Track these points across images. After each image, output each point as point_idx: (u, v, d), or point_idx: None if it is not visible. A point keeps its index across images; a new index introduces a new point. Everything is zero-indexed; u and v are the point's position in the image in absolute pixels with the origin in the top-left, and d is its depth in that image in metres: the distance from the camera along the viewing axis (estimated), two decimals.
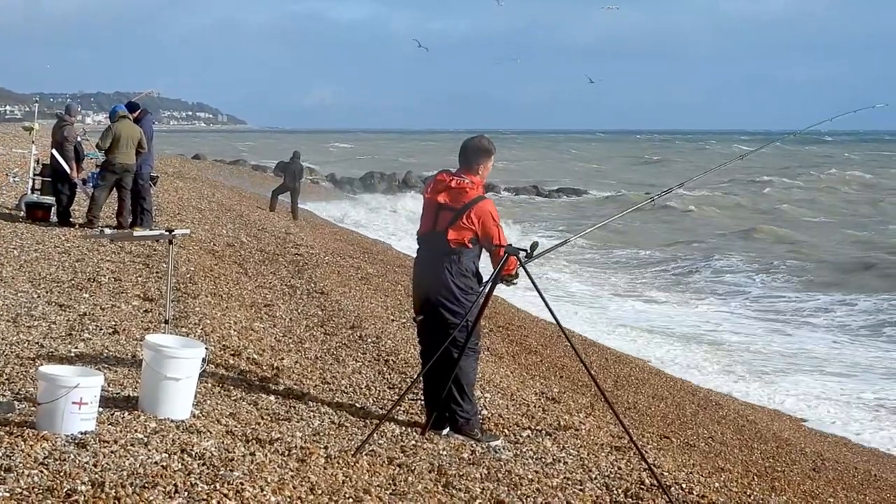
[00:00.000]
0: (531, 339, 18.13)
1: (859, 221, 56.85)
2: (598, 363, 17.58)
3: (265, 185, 48.10)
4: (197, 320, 12.57)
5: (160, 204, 25.69)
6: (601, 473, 8.91)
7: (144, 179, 20.85)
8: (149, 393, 8.22)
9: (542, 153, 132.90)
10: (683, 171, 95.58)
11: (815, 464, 13.70)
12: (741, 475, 11.07)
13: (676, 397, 16.33)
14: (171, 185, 34.38)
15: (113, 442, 7.15)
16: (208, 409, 8.68)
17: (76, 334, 10.89)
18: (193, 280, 15.54)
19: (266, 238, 23.93)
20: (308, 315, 14.82)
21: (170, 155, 69.87)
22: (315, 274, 19.10)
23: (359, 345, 13.17)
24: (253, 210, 33.29)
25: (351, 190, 69.19)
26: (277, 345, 12.30)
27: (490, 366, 13.63)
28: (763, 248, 43.01)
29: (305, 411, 9.33)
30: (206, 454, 7.17)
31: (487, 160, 9.30)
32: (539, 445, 9.52)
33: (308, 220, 37.16)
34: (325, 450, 7.93)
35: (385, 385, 11.07)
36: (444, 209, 9.06)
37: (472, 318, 9.02)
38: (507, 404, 11.10)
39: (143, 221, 20.51)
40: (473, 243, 9.04)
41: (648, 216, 52.84)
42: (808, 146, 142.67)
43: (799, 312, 28.01)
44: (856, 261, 37.94)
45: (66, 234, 18.85)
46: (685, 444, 12.81)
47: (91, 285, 13.92)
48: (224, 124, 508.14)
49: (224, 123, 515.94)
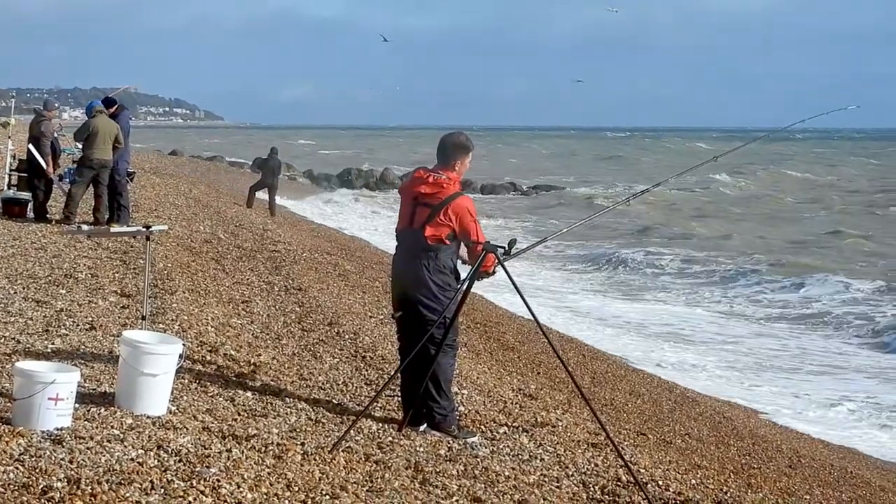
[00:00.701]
0: (509, 336, 18.14)
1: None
2: (576, 360, 17.61)
3: (242, 182, 47.99)
4: (174, 316, 12.54)
5: (137, 200, 25.60)
6: (578, 470, 8.92)
7: (121, 175, 20.77)
8: (125, 389, 8.21)
9: (498, 150, 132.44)
10: (644, 168, 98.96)
11: (791, 461, 13.75)
12: (717, 472, 11.12)
13: (653, 394, 16.37)
14: (148, 182, 34.26)
15: (89, 438, 7.14)
16: (185, 405, 8.66)
17: (53, 330, 10.85)
18: (171, 276, 15.50)
19: (243, 234, 23.90)
20: (285, 311, 14.80)
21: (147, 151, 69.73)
22: (293, 270, 19.08)
23: (336, 341, 13.15)
24: (230, 206, 33.22)
25: (329, 186, 69.15)
26: (255, 341, 12.28)
27: (467, 362, 13.63)
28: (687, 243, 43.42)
29: (282, 407, 9.32)
30: (183, 451, 7.17)
31: (465, 157, 9.30)
32: (516, 442, 9.53)
33: (285, 216, 37.13)
34: (302, 446, 7.93)
35: (362, 381, 11.07)
36: (421, 205, 9.06)
37: (449, 315, 9.03)
38: (484, 401, 11.10)
39: (119, 218, 20.42)
40: (451, 240, 9.04)
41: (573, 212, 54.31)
42: (776, 143, 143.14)
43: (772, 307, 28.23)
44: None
45: (43, 230, 18.77)
46: (662, 440, 12.85)
47: (68, 281, 13.87)
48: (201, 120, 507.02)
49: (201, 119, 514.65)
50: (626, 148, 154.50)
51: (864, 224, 52.93)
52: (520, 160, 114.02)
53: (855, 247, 43.50)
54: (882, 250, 42.06)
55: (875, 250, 42.21)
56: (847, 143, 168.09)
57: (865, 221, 54.52)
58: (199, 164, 66.50)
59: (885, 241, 45.25)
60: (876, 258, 39.52)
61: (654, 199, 57.09)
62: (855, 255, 40.77)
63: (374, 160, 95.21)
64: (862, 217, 57.00)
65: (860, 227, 51.40)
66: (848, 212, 59.78)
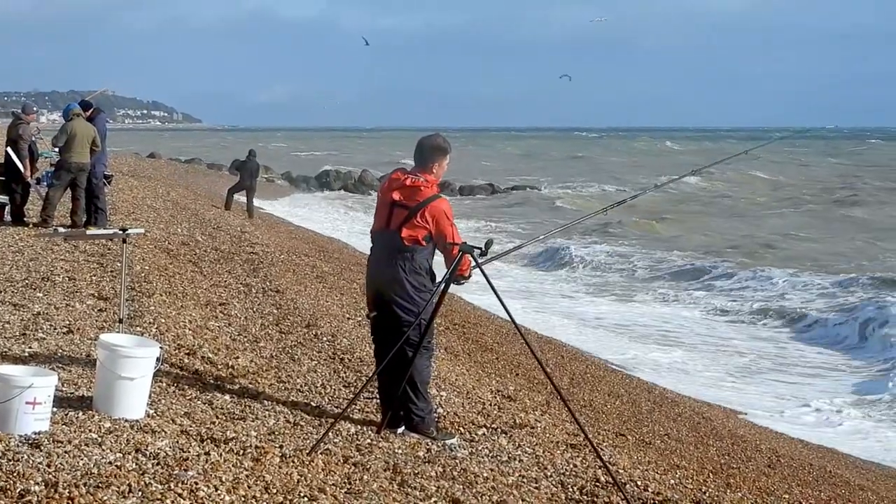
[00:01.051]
0: (487, 337, 18.15)
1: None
2: (555, 361, 17.64)
3: (220, 184, 47.93)
4: (152, 319, 12.50)
5: (115, 203, 25.55)
6: (556, 471, 8.94)
7: (98, 178, 20.73)
8: (103, 392, 8.18)
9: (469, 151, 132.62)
10: (603, 167, 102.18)
11: (771, 460, 13.80)
12: (697, 472, 11.14)
13: (632, 395, 16.41)
14: (126, 184, 34.18)
15: (67, 442, 7.11)
16: (163, 408, 8.63)
17: (30, 334, 10.80)
18: (148, 279, 15.45)
19: (221, 237, 23.86)
20: (263, 314, 14.78)
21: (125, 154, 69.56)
22: (270, 272, 19.05)
23: (314, 343, 13.14)
24: (208, 209, 33.18)
25: (307, 188, 69.20)
26: (232, 344, 12.25)
27: (446, 364, 13.64)
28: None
29: (260, 410, 9.30)
30: (161, 454, 7.15)
31: (443, 159, 9.31)
32: (495, 443, 9.54)
33: (264, 218, 37.10)
34: (280, 449, 7.92)
35: (340, 383, 11.06)
36: (398, 207, 9.06)
37: (426, 318, 9.03)
38: (463, 402, 11.11)
39: (97, 220, 20.38)
40: (427, 241, 9.05)
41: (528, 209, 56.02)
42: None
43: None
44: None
45: (20, 233, 18.71)
46: (641, 441, 12.87)
47: (45, 284, 13.82)
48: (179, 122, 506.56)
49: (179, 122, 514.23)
50: (596, 148, 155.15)
51: (817, 224, 53.13)
52: (494, 162, 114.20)
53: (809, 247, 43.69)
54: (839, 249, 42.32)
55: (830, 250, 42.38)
56: (819, 143, 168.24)
57: (819, 222, 54.69)
58: (177, 167, 66.38)
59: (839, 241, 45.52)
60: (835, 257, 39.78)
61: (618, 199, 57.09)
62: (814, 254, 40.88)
63: (349, 161, 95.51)
64: (817, 217, 57.13)
65: (813, 227, 51.68)
66: (810, 213, 59.85)
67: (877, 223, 53.02)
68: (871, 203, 64.58)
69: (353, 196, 65.83)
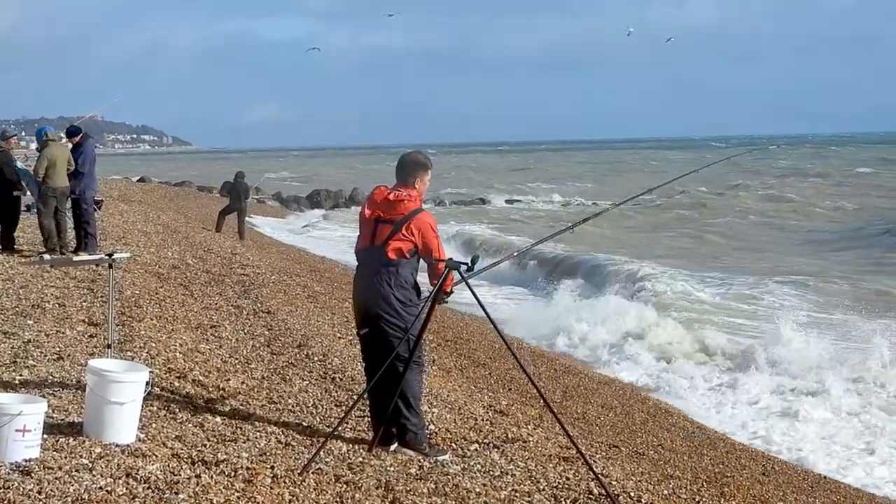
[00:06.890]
0: (479, 353, 18.15)
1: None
2: (548, 374, 17.64)
3: (211, 206, 47.92)
4: (142, 343, 12.50)
5: (105, 228, 25.52)
6: (549, 484, 8.94)
7: (88, 203, 20.68)
8: (93, 418, 8.19)
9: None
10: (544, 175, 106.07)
11: (765, 468, 13.81)
12: (690, 482, 11.15)
13: (626, 406, 16.40)
14: (116, 209, 34.14)
15: (57, 468, 7.13)
16: (154, 432, 8.64)
17: (20, 361, 10.80)
18: (138, 303, 15.45)
19: (212, 259, 23.83)
20: (254, 335, 14.77)
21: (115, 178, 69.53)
22: (261, 293, 19.05)
23: (305, 363, 13.14)
24: (198, 231, 33.17)
25: (298, 208, 69.19)
26: (224, 366, 12.25)
27: (438, 380, 13.65)
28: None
29: (252, 431, 9.30)
30: (152, 478, 7.16)
31: (424, 174, 9.34)
32: (487, 459, 9.55)
33: (255, 239, 37.09)
34: (272, 469, 7.93)
35: (332, 403, 11.06)
36: (382, 222, 9.08)
37: (414, 333, 9.04)
38: (455, 418, 11.12)
39: (87, 246, 20.33)
40: (412, 255, 9.07)
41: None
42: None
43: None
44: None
45: (10, 260, 18.70)
46: (634, 452, 12.87)
47: (35, 312, 13.82)
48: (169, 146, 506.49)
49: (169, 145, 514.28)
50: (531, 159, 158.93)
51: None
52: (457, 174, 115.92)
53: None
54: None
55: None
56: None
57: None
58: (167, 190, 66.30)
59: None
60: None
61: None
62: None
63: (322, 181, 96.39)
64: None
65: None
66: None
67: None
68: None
69: (344, 213, 65.79)
